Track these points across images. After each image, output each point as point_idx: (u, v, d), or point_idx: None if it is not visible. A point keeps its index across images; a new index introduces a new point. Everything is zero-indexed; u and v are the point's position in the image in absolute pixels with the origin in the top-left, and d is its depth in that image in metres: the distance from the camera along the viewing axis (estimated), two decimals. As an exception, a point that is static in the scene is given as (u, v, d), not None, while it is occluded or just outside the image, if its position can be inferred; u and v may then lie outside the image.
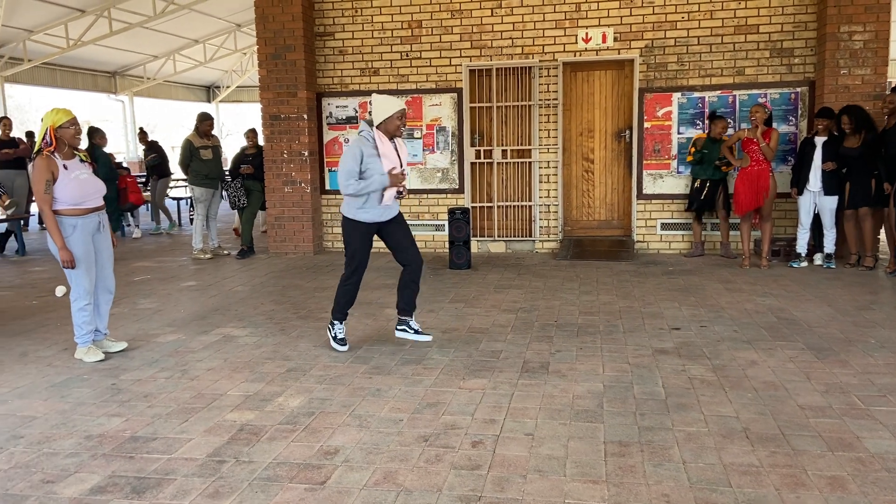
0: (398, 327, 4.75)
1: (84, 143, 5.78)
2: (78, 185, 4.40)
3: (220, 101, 22.33)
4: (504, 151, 8.46)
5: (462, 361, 4.35)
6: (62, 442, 3.28)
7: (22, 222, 10.12)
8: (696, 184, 7.67)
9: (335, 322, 4.65)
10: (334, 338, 4.65)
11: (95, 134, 9.82)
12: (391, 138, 4.47)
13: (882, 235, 7.32)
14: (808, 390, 3.73)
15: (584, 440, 3.18)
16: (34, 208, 12.25)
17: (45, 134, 4.32)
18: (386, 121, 4.40)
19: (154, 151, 11.50)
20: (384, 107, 4.40)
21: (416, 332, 4.73)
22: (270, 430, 3.36)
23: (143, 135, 12.02)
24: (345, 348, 4.62)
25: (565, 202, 8.52)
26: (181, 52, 17.43)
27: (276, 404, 3.70)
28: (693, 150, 7.67)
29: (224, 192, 8.96)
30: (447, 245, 8.28)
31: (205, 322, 5.47)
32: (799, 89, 7.78)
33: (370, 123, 4.46)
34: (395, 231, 4.60)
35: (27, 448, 3.22)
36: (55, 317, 5.75)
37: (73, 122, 4.40)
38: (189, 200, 11.79)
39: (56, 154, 4.35)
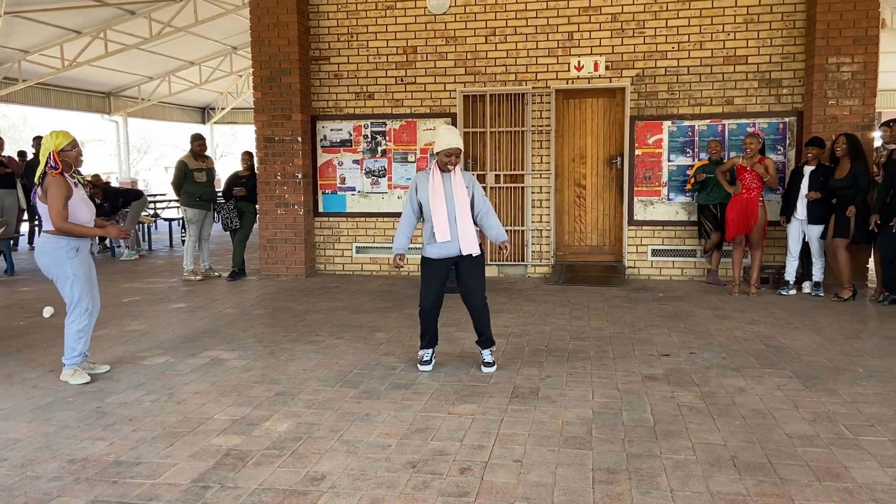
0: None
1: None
2: (86, 206, 4.49)
3: (215, 123, 22.40)
4: (497, 176, 8.51)
5: (452, 386, 4.33)
6: (45, 465, 3.25)
7: (11, 242, 10.07)
8: (716, 210, 7.59)
9: (422, 347, 4.79)
10: (419, 359, 4.78)
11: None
12: (444, 172, 4.52)
13: (871, 264, 7.38)
14: (795, 419, 3.73)
15: (572, 467, 3.16)
16: (24, 228, 12.22)
17: (49, 158, 4.33)
18: (439, 153, 4.46)
19: (107, 200, 10.74)
20: (439, 139, 4.46)
21: (483, 362, 4.70)
22: (257, 456, 3.33)
23: (96, 182, 11.11)
24: (426, 368, 4.70)
25: (557, 227, 8.56)
26: (176, 73, 17.51)
27: (263, 429, 3.67)
28: (693, 178, 7.69)
29: (216, 214, 8.96)
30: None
31: (193, 345, 5.44)
32: (787, 119, 7.88)
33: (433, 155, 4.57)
34: (464, 271, 4.59)
35: (10, 471, 3.18)
36: (42, 338, 5.70)
37: (74, 143, 4.46)
38: (181, 222, 11.65)
39: (65, 175, 4.40)
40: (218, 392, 4.28)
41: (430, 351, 4.78)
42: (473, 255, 4.55)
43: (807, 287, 7.22)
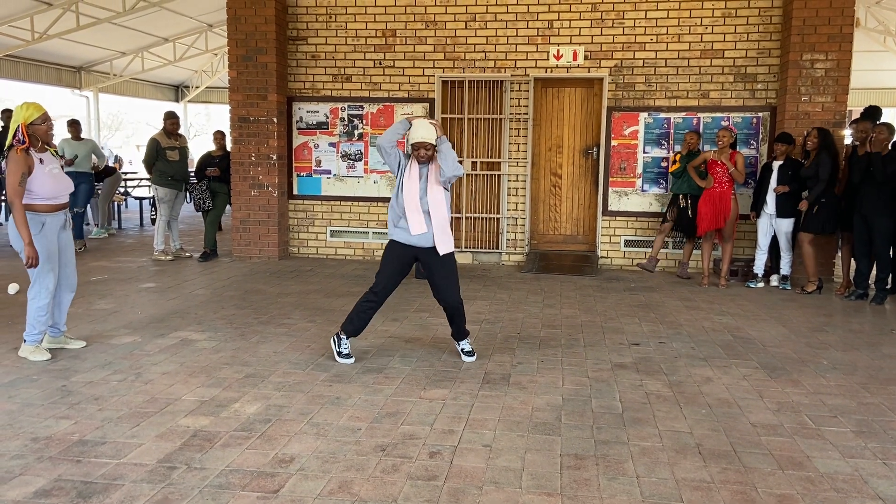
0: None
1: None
2: (52, 180, 4.36)
3: (189, 101, 22.02)
4: (474, 163, 8.49)
5: (424, 371, 4.34)
6: (7, 443, 3.18)
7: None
8: (681, 201, 7.54)
9: (342, 336, 4.50)
10: (339, 352, 4.49)
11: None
12: (419, 163, 4.41)
13: (837, 259, 7.52)
14: (760, 408, 3.80)
15: (541, 452, 3.19)
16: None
17: (17, 131, 4.23)
18: (411, 144, 4.37)
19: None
20: (412, 131, 4.36)
21: (464, 352, 4.62)
22: (225, 437, 3.30)
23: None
24: (350, 361, 4.47)
25: (532, 216, 8.59)
26: (150, 49, 17.15)
27: (231, 410, 3.64)
28: (678, 158, 7.57)
29: (189, 194, 8.83)
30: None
31: (162, 325, 5.37)
32: (761, 114, 7.97)
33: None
34: (435, 268, 4.44)
35: (-31, 449, 3.12)
36: (6, 315, 5.58)
37: (46, 117, 4.34)
38: (151, 201, 11.44)
39: (31, 150, 4.29)
40: (186, 373, 4.23)
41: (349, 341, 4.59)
42: (443, 253, 4.41)
43: (774, 280, 7.34)
